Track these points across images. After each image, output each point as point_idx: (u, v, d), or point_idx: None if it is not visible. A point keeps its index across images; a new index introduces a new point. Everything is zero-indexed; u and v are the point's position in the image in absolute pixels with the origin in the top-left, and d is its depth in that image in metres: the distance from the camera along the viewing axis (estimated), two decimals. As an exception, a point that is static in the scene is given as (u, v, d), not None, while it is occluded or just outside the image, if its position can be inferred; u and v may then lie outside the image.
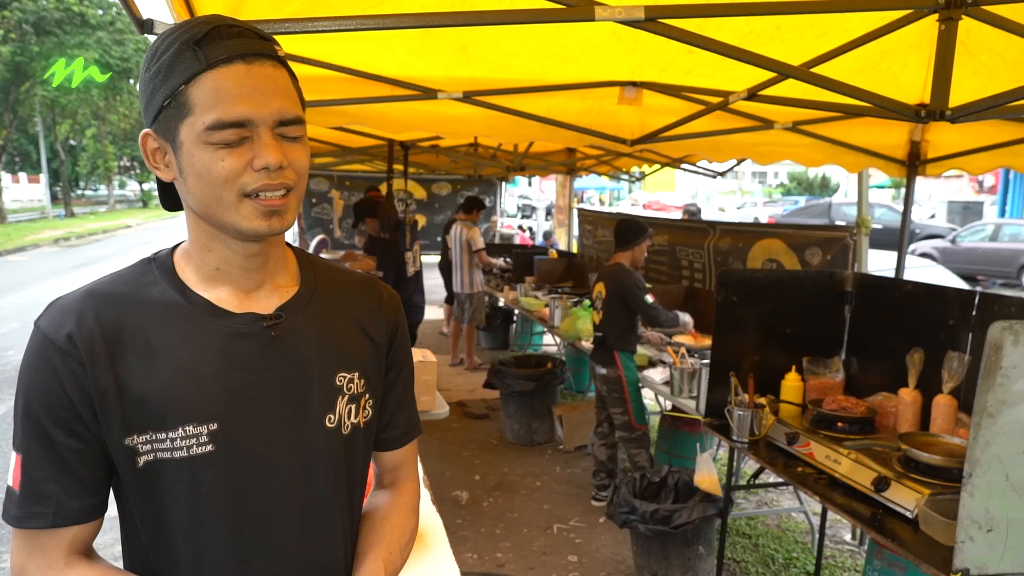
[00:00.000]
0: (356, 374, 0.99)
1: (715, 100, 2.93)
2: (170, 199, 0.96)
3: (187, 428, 0.87)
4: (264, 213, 0.85)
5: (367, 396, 1.01)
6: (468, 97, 3.03)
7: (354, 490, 1.02)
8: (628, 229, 3.92)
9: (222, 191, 0.83)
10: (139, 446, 0.86)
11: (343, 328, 1.00)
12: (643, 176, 8.05)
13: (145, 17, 1.69)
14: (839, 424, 2.37)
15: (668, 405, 4.08)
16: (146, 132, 0.87)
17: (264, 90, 0.83)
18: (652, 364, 3.98)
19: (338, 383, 0.97)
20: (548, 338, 7.40)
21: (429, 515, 1.88)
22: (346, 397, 0.98)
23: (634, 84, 2.98)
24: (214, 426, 0.88)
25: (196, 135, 0.82)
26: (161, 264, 0.93)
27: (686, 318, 4.06)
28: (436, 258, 8.25)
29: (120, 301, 0.88)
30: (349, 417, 0.98)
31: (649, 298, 3.73)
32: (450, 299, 7.75)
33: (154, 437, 0.86)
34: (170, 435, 0.86)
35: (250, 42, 0.83)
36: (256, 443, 0.90)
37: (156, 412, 0.86)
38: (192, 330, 0.89)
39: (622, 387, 3.79)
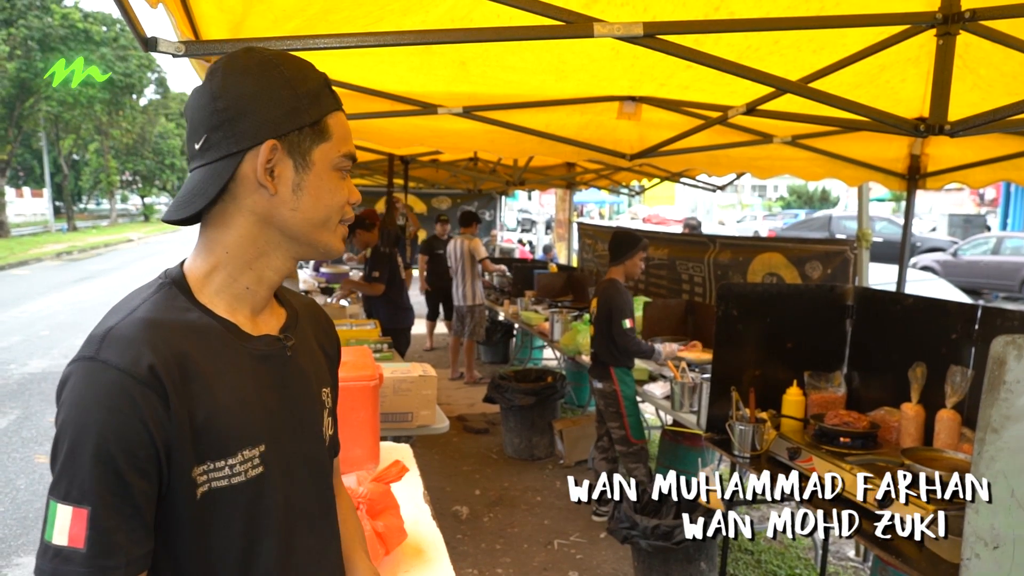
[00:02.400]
0: (329, 388, 1.07)
1: (714, 115, 2.94)
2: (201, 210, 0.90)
3: (244, 452, 0.88)
4: (344, 238, 0.99)
5: (334, 408, 1.10)
6: (468, 112, 3.04)
7: (336, 495, 1.12)
8: (620, 242, 3.84)
9: (333, 213, 0.94)
10: (197, 477, 0.84)
11: (314, 346, 1.07)
12: (643, 190, 8.08)
13: (149, 35, 1.70)
14: (841, 439, 2.36)
15: (669, 420, 4.05)
16: (273, 142, 0.88)
17: None
18: (653, 378, 3.96)
19: (322, 397, 1.04)
20: (548, 352, 7.38)
21: (429, 530, 1.86)
22: (327, 410, 1.05)
23: (633, 99, 2.99)
24: (262, 447, 0.90)
25: (331, 160, 0.92)
26: (182, 288, 0.90)
27: (662, 350, 3.88)
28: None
29: (175, 328, 0.85)
30: (328, 428, 1.06)
31: (627, 323, 3.64)
32: (433, 316, 8.01)
33: (212, 467, 0.85)
34: (229, 462, 0.86)
35: None
36: (287, 459, 0.95)
37: (217, 440, 0.85)
38: (232, 354, 0.90)
39: (618, 402, 3.76)
